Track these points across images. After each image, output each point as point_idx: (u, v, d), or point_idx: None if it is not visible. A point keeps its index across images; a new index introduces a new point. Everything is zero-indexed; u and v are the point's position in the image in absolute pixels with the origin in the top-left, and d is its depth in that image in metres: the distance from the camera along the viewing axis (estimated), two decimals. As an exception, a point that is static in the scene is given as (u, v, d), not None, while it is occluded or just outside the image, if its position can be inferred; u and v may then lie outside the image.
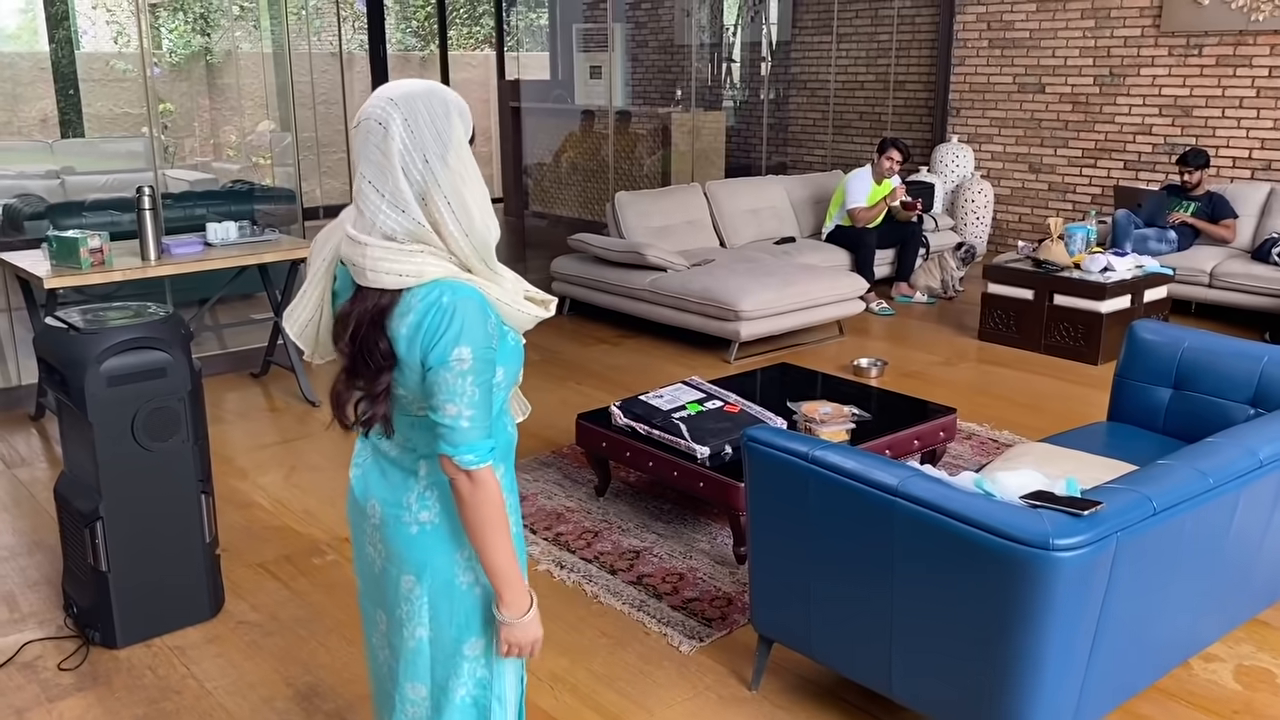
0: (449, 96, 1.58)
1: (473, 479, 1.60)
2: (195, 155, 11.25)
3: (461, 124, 1.58)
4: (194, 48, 11.58)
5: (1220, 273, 6.46)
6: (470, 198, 1.57)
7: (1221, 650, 2.99)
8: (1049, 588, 2.10)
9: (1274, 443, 2.57)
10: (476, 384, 1.57)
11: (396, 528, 1.74)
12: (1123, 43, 7.80)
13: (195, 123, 11.67)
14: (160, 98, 11.14)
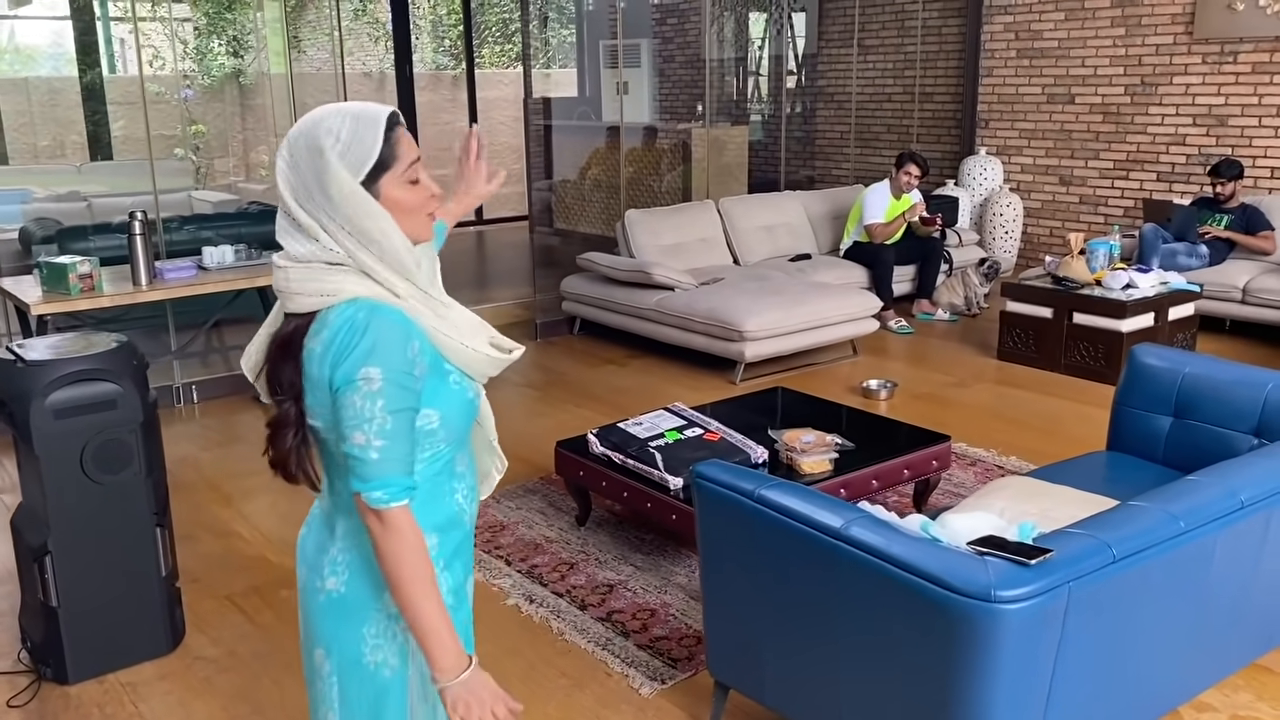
0: (323, 130, 1.45)
1: (383, 520, 1.45)
2: (229, 176, 11.39)
3: (343, 159, 1.45)
4: (226, 70, 11.72)
5: (1254, 288, 6.19)
6: (375, 227, 1.47)
7: (1216, 699, 2.81)
8: (993, 641, 1.96)
9: (1260, 483, 2.40)
10: (388, 411, 1.43)
11: (307, 595, 1.66)
12: (1154, 51, 7.54)
13: (229, 143, 11.82)
14: (193, 119, 11.30)
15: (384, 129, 1.48)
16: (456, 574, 1.64)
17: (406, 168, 1.50)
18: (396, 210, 1.49)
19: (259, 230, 6.55)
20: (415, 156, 1.51)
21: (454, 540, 1.63)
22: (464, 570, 1.68)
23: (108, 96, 10.62)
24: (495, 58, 13.94)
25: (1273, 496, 2.39)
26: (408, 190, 1.51)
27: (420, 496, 1.52)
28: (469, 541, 1.69)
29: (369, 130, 1.46)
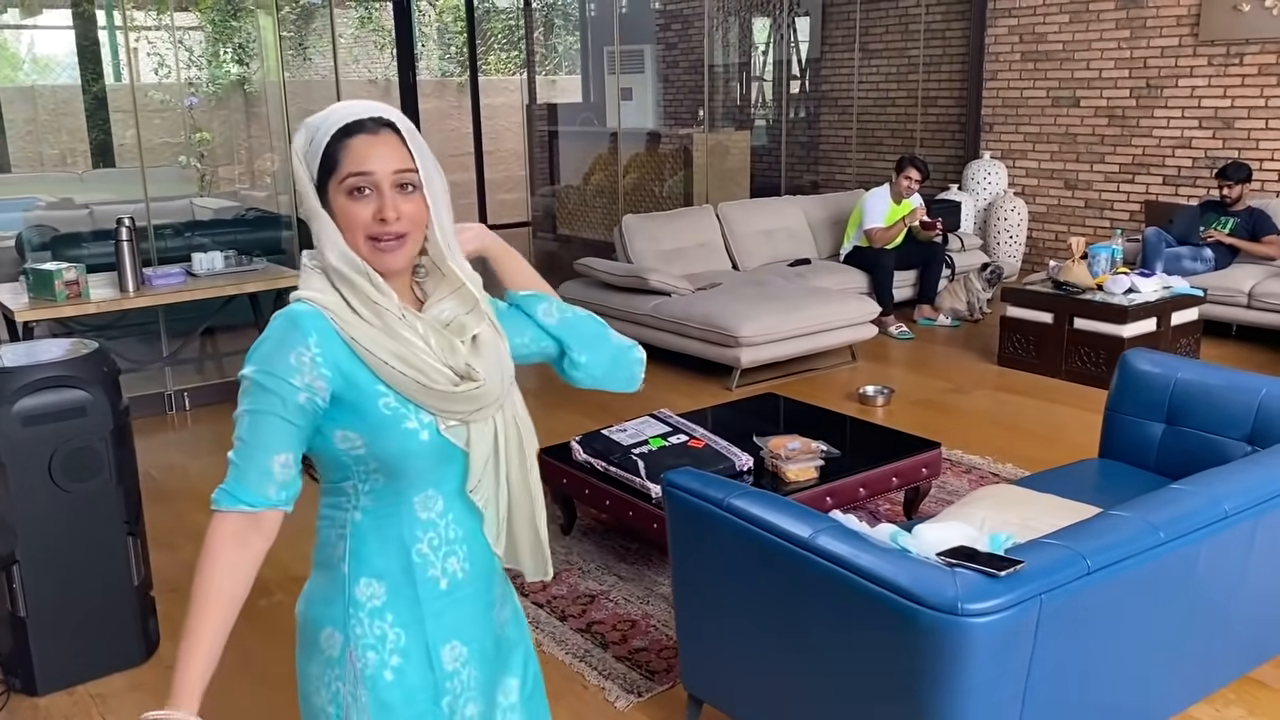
0: (304, 126, 1.42)
1: (211, 521, 1.37)
2: (234, 183, 11.40)
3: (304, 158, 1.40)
4: (231, 77, 11.75)
5: (1260, 292, 6.10)
6: (316, 229, 1.41)
7: (1207, 713, 2.73)
8: (962, 655, 1.89)
9: (1246, 492, 2.33)
10: (248, 410, 1.36)
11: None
12: (1159, 53, 7.46)
13: (235, 151, 11.84)
14: (198, 126, 11.32)
15: (337, 130, 1.38)
16: (413, 635, 1.46)
17: (345, 177, 1.37)
18: (340, 221, 1.39)
19: (254, 237, 6.54)
20: (361, 169, 1.37)
21: (409, 597, 1.45)
22: (435, 633, 1.48)
23: (112, 105, 10.64)
24: (500, 64, 13.94)
25: (1259, 506, 2.32)
26: (346, 202, 1.38)
27: (366, 535, 1.45)
28: (452, 605, 1.48)
29: (324, 131, 1.39)
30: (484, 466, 1.46)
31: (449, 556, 1.48)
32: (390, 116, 1.40)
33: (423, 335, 1.41)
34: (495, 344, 1.50)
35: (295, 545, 3.93)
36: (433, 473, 1.44)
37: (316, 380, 1.37)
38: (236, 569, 1.38)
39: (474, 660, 1.52)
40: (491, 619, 1.55)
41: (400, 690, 1.45)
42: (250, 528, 1.38)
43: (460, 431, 1.44)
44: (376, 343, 1.38)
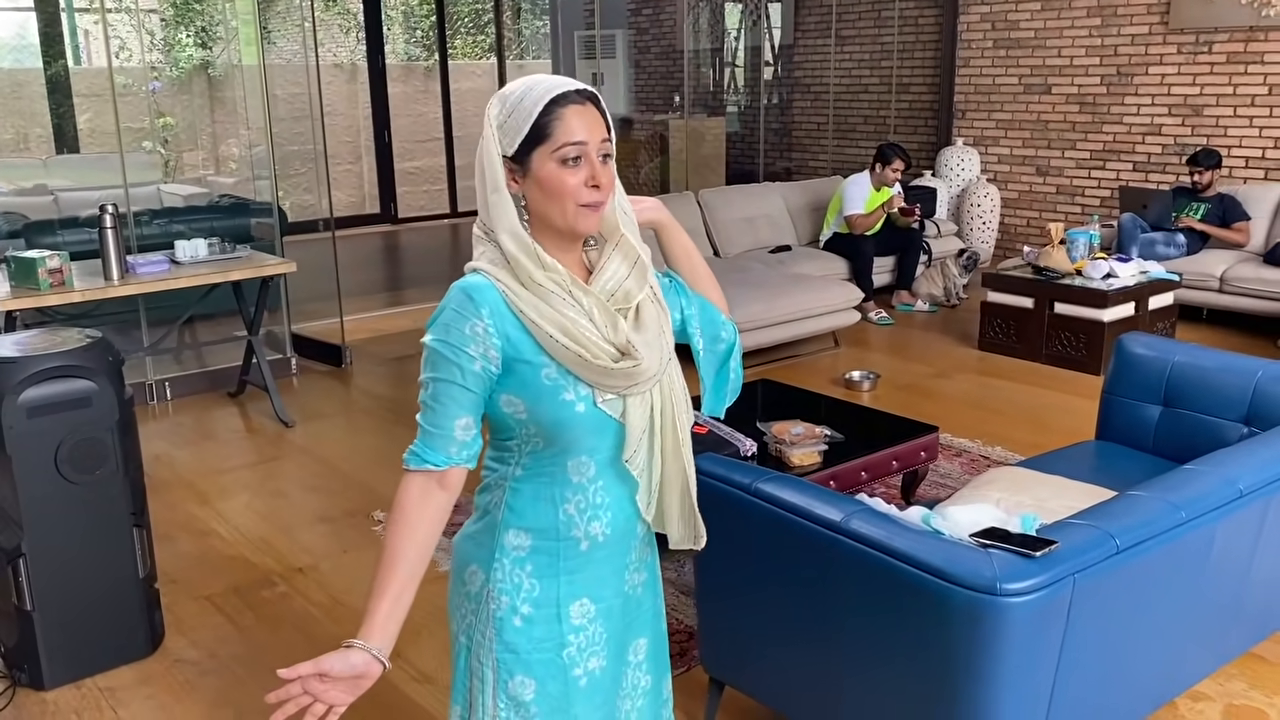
0: (498, 97, 1.47)
1: (401, 479, 1.48)
2: (198, 169, 11.21)
3: (501, 129, 1.44)
4: (195, 61, 11.54)
5: (1231, 277, 6.23)
6: (494, 200, 1.46)
7: (1211, 688, 2.80)
8: (998, 634, 1.92)
9: (1257, 471, 2.38)
10: (430, 377, 1.46)
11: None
12: (1130, 41, 7.57)
13: (199, 136, 11.65)
14: (161, 111, 11.12)
15: (547, 102, 1.41)
16: (547, 588, 1.54)
17: (559, 146, 1.41)
18: (543, 190, 1.44)
19: (230, 224, 6.44)
20: (576, 139, 1.42)
21: (551, 551, 1.53)
22: (567, 589, 1.55)
23: (74, 89, 10.42)
24: (468, 49, 13.81)
25: (1270, 485, 2.38)
26: (557, 170, 1.42)
27: (522, 489, 1.53)
28: (588, 565, 1.55)
29: (532, 101, 1.42)
30: (640, 438, 1.51)
31: (593, 520, 1.54)
32: (591, 90, 1.45)
33: (587, 310, 1.46)
34: (657, 319, 1.52)
35: (298, 538, 3.92)
36: (587, 441, 1.49)
37: (489, 350, 1.44)
38: (422, 523, 1.47)
39: (601, 618, 1.59)
40: (623, 580, 1.61)
41: (525, 638, 1.54)
42: (434, 484, 1.48)
43: (616, 404, 1.48)
44: (542, 315, 1.43)
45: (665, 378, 1.53)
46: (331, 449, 4.74)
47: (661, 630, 1.74)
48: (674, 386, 1.55)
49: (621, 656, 1.64)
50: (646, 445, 1.52)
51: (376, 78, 10.92)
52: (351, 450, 4.72)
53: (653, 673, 1.70)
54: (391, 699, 2.85)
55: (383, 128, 11.03)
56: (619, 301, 1.49)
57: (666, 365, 1.52)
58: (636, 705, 1.67)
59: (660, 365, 1.50)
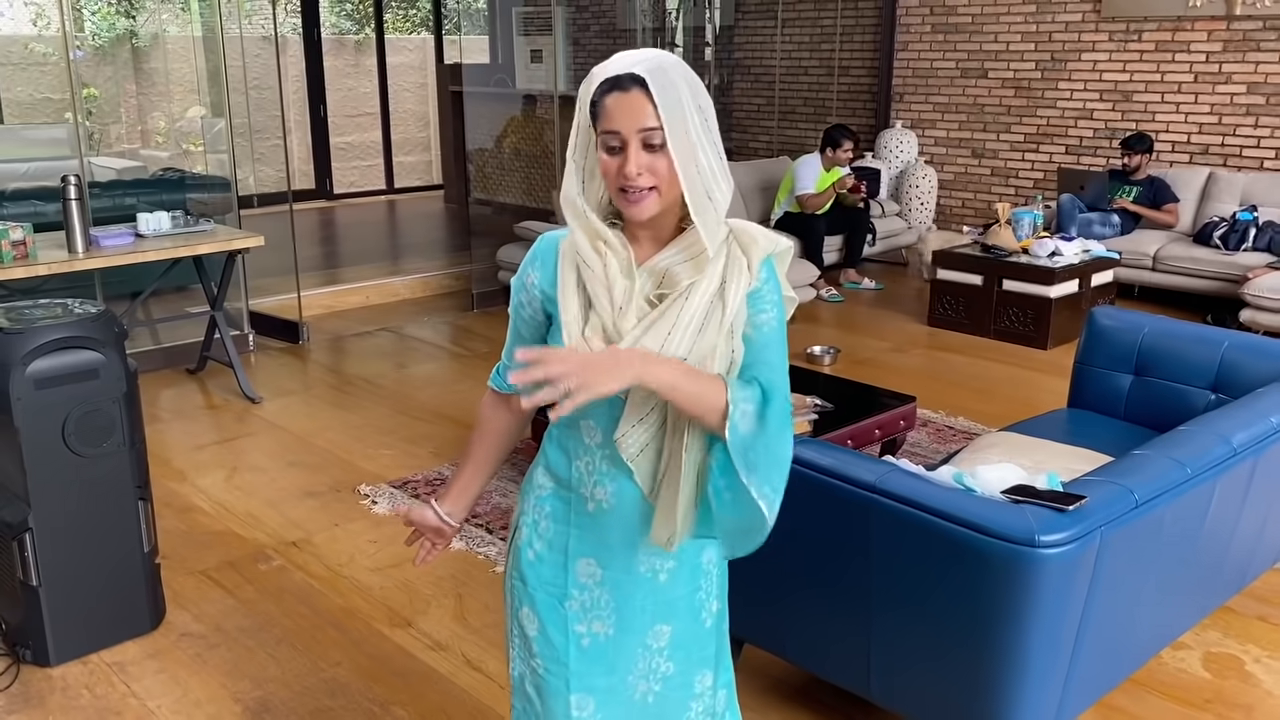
0: (586, 79, 1.49)
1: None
2: (122, 142, 10.87)
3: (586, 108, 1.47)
4: (118, 30, 11.17)
5: (1163, 256, 6.52)
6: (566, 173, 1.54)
7: (1190, 639, 2.98)
8: (1034, 585, 2.05)
9: (1247, 429, 2.55)
10: (510, 308, 1.64)
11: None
12: (1064, 28, 7.83)
13: (121, 108, 11.27)
14: (83, 82, 10.74)
15: (596, 87, 1.44)
16: (558, 534, 1.63)
17: (602, 133, 1.43)
18: (602, 172, 1.46)
19: (179, 197, 6.29)
20: (611, 128, 1.42)
21: (564, 500, 1.61)
22: (576, 544, 1.61)
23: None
24: (399, 23, 13.60)
25: (1258, 444, 2.55)
26: (602, 155, 1.44)
27: (554, 435, 1.63)
28: (594, 527, 1.59)
29: (590, 84, 1.45)
30: (636, 423, 1.51)
31: (597, 485, 1.58)
32: (643, 72, 1.41)
33: (608, 282, 1.48)
34: (693, 314, 1.47)
35: (286, 512, 3.90)
36: (592, 407, 1.48)
37: (534, 301, 1.58)
38: (495, 426, 1.72)
39: (608, 586, 1.61)
40: (635, 558, 1.59)
41: (534, 573, 1.64)
42: (501, 402, 1.71)
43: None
44: (565, 274, 1.52)
45: None
46: (303, 424, 4.71)
47: (699, 626, 1.67)
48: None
49: (637, 635, 1.63)
50: (648, 433, 1.52)
51: (312, 50, 10.70)
52: (324, 425, 4.69)
53: (677, 662, 1.66)
54: (407, 665, 2.88)
55: (318, 102, 10.82)
56: (665, 285, 1.48)
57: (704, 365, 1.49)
58: (654, 689, 1.66)
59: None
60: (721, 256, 1.48)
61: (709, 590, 1.68)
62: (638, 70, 1.42)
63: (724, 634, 1.75)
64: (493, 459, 1.73)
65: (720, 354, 1.50)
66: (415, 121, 12.64)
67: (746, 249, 1.50)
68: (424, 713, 2.68)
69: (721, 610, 1.73)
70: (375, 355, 5.84)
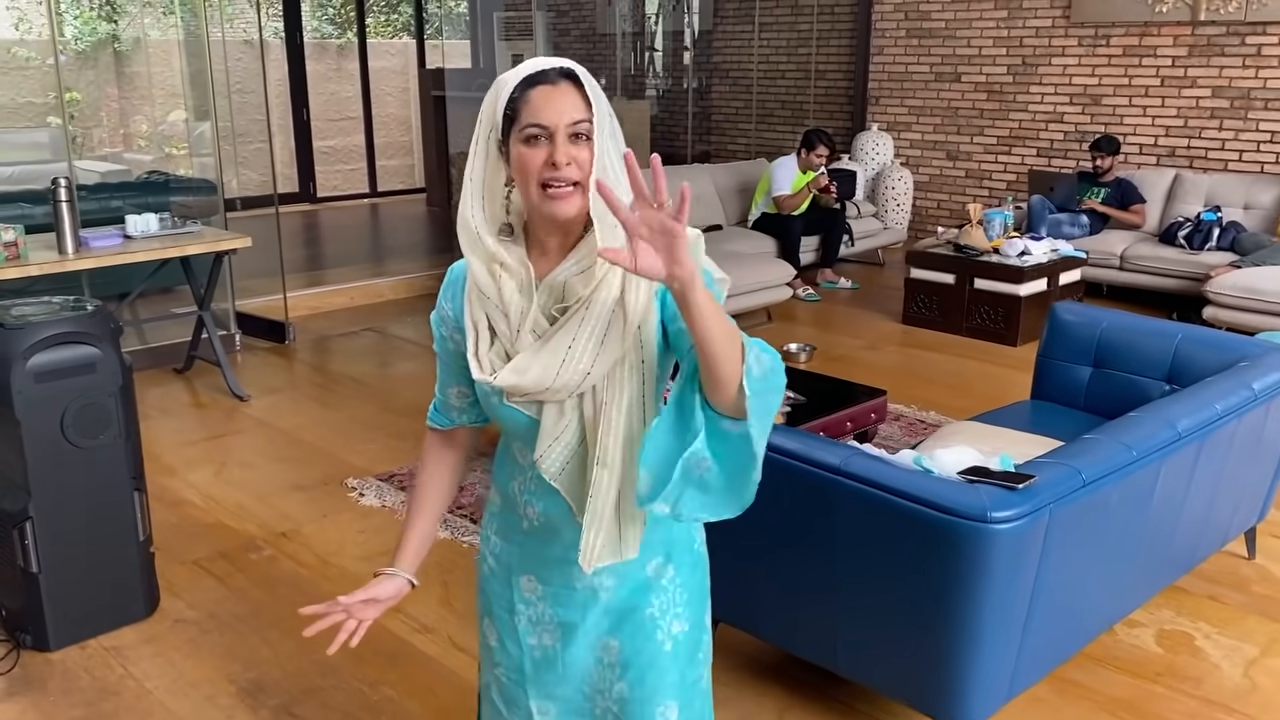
0: (493, 86, 1.45)
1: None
2: (104, 146, 10.91)
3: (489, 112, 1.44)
4: (100, 35, 11.22)
5: (1130, 255, 6.69)
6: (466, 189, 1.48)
7: (1143, 616, 3.13)
8: (987, 559, 2.18)
9: (1192, 415, 2.69)
10: (434, 347, 1.63)
11: None
12: (1034, 33, 8.01)
13: (103, 112, 11.32)
14: (67, 86, 10.77)
15: (518, 82, 1.40)
16: (503, 551, 1.63)
17: (524, 126, 1.38)
18: (516, 171, 1.42)
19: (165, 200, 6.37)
20: (537, 120, 1.37)
21: (506, 518, 1.62)
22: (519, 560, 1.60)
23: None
24: (380, 28, 13.69)
25: (1202, 430, 2.69)
26: (523, 149, 1.39)
27: (499, 454, 1.62)
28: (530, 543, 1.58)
29: (508, 83, 1.41)
30: (551, 445, 1.46)
31: (528, 504, 1.56)
32: (572, 67, 1.41)
33: (503, 305, 1.45)
34: (594, 325, 1.40)
35: (275, 505, 4.00)
36: (513, 429, 1.52)
37: (453, 334, 1.56)
38: (438, 471, 1.70)
39: (549, 600, 1.59)
40: (572, 573, 1.55)
41: (488, 586, 1.68)
42: (443, 442, 1.70)
43: (530, 405, 1.47)
44: (469, 302, 1.49)
45: (600, 393, 1.44)
46: (290, 421, 4.81)
47: (654, 646, 1.57)
48: (613, 402, 1.44)
49: (585, 648, 1.59)
50: (566, 451, 1.47)
51: (295, 54, 10.79)
52: (311, 422, 4.79)
53: (630, 684, 1.58)
54: (396, 647, 3.00)
55: (301, 106, 10.91)
56: (565, 298, 1.43)
57: (583, 382, 1.42)
58: (612, 710, 1.60)
59: (550, 384, 1.42)
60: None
61: (664, 608, 1.58)
62: (563, 66, 1.41)
63: (697, 665, 1.63)
64: (444, 500, 1.70)
65: (630, 363, 1.43)
66: (398, 126, 12.73)
67: None
68: (412, 691, 2.80)
69: (691, 637, 1.61)
70: (360, 354, 5.95)
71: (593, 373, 1.41)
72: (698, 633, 1.63)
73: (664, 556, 1.58)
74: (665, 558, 1.58)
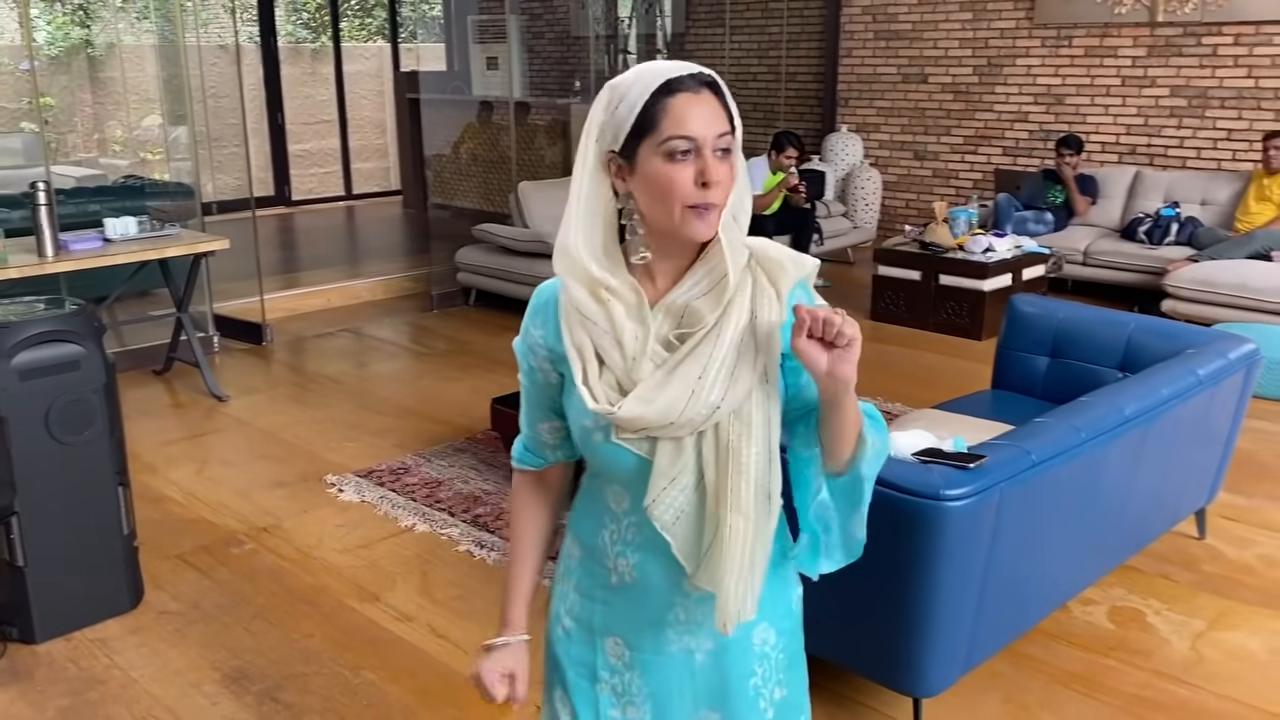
0: (609, 87, 1.32)
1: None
2: (79, 151, 10.92)
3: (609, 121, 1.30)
4: (73, 40, 11.22)
5: (1093, 251, 6.85)
6: (576, 210, 1.32)
7: (1096, 594, 3.25)
8: (940, 535, 2.29)
9: (1139, 400, 2.82)
10: (521, 379, 1.47)
11: None
12: (999, 34, 8.17)
13: (77, 118, 11.32)
14: (40, 92, 10.77)
15: (655, 88, 1.26)
16: (586, 609, 1.48)
17: (666, 139, 1.25)
18: (649, 188, 1.27)
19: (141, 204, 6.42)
20: (684, 131, 1.25)
21: (591, 572, 1.46)
22: (602, 619, 1.46)
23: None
24: (355, 31, 13.74)
25: (1149, 413, 2.82)
26: (664, 165, 1.25)
27: (583, 498, 1.48)
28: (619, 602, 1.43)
29: (641, 89, 1.27)
30: (666, 487, 1.32)
31: (620, 556, 1.42)
32: (711, 74, 1.30)
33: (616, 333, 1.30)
34: (725, 353, 1.28)
35: (256, 501, 4.07)
36: (612, 471, 1.38)
37: (544, 362, 1.41)
38: (535, 518, 1.55)
39: (639, 669, 1.45)
40: (665, 638, 1.43)
41: (565, 652, 1.50)
42: (536, 484, 1.54)
43: (642, 442, 1.32)
44: (572, 332, 1.33)
45: (725, 430, 1.31)
46: (269, 420, 4.88)
47: (757, 715, 1.47)
48: (743, 441, 1.31)
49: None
50: (686, 499, 1.32)
51: (269, 59, 10.84)
52: (290, 421, 4.86)
53: None
54: (376, 634, 3.08)
55: (276, 110, 10.95)
56: (687, 323, 1.30)
57: (710, 417, 1.29)
58: None
59: (676, 418, 1.28)
60: (747, 285, 1.31)
61: (766, 676, 1.46)
62: (700, 72, 1.29)
63: None
64: (543, 549, 1.55)
65: (757, 401, 1.31)
66: (373, 128, 12.79)
67: (773, 276, 1.32)
68: (393, 675, 2.88)
69: (792, 701, 1.50)
70: (338, 355, 6.02)
71: (722, 406, 1.28)
72: (798, 697, 1.52)
73: (767, 619, 1.45)
74: (767, 620, 1.45)
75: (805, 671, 1.54)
